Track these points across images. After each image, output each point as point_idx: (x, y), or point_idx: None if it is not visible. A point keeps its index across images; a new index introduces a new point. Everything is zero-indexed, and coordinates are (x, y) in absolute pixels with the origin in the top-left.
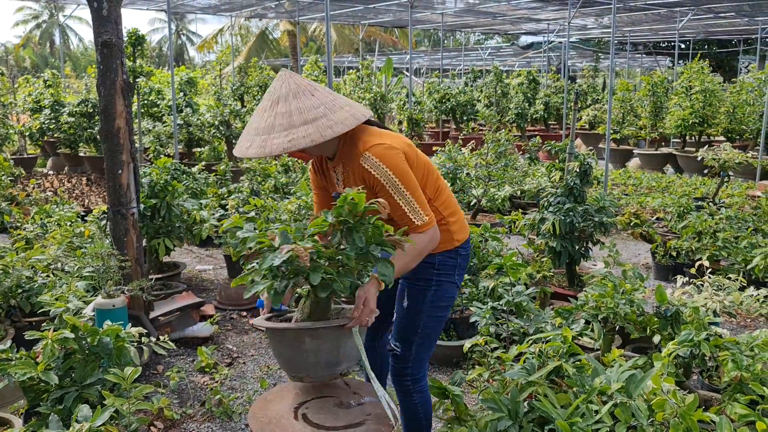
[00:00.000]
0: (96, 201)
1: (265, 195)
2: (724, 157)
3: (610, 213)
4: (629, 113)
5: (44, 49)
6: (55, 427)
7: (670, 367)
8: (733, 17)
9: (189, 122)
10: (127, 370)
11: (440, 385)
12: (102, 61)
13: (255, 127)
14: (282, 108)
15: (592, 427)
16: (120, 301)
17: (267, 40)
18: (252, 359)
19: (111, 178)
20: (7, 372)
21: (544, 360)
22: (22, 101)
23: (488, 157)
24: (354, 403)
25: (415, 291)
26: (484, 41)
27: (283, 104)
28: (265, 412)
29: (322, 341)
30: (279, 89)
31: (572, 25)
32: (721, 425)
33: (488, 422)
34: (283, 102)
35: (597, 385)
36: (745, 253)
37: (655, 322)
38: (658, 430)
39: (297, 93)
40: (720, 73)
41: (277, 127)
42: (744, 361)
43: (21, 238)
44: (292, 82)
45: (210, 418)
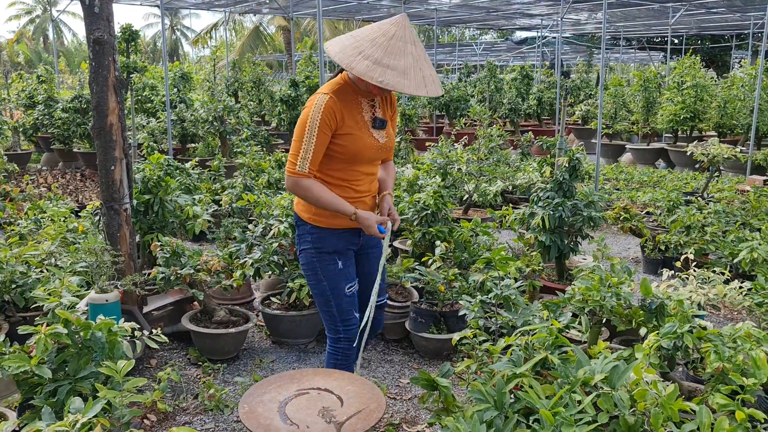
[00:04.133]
0: (90, 197)
1: (258, 190)
2: (713, 152)
3: (598, 207)
4: (621, 108)
5: (38, 44)
6: (48, 419)
7: (654, 358)
8: (725, 12)
9: (183, 118)
10: (120, 363)
11: (428, 377)
12: (94, 58)
13: (430, 73)
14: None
15: (575, 416)
16: (113, 295)
17: (261, 35)
18: (245, 352)
19: (104, 174)
20: (0, 366)
21: (531, 352)
22: (15, 97)
23: (480, 153)
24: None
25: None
26: (478, 37)
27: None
28: (254, 405)
29: None
30: (413, 32)
31: (565, 20)
32: (701, 414)
33: (474, 412)
34: (421, 45)
35: (581, 375)
36: (731, 247)
37: (641, 315)
38: (639, 419)
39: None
40: (713, 68)
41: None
42: (726, 353)
43: (15, 233)
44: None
45: (203, 410)
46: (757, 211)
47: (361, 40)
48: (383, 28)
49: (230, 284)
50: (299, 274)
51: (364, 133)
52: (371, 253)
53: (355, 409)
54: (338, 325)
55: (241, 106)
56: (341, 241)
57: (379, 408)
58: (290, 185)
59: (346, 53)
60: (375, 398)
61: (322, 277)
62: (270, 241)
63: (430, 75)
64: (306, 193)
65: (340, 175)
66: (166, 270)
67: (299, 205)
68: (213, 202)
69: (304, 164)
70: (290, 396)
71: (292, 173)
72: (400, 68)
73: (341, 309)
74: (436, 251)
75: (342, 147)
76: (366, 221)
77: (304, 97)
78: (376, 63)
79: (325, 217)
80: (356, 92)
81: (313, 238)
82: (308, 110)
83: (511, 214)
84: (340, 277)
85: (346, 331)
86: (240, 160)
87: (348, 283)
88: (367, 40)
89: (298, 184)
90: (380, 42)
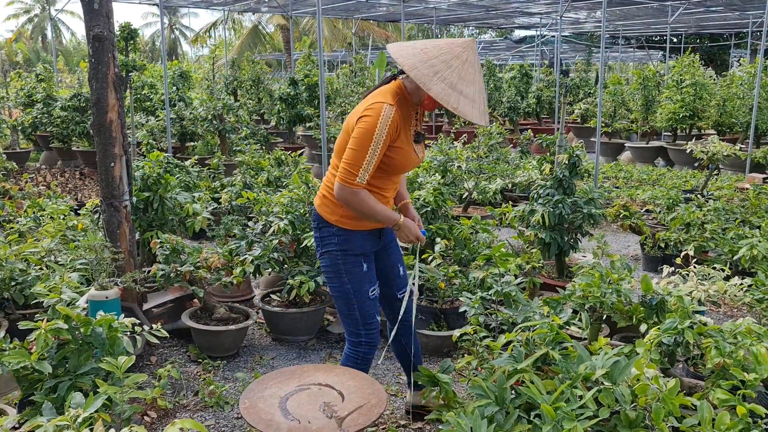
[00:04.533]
0: (89, 195)
1: (257, 188)
2: (713, 149)
3: (598, 205)
4: (621, 107)
5: (36, 44)
6: (48, 414)
7: (654, 354)
8: (723, 11)
9: (182, 116)
10: (121, 359)
11: (430, 373)
12: (94, 54)
13: (485, 102)
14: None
15: (576, 411)
16: (113, 292)
17: (260, 34)
18: (245, 350)
19: (103, 171)
20: (1, 362)
21: (532, 348)
22: (14, 95)
23: (480, 151)
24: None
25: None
26: (477, 36)
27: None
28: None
29: None
30: (477, 56)
31: (564, 19)
32: (702, 409)
33: (475, 408)
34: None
35: (582, 371)
36: (731, 244)
37: (641, 311)
38: (640, 414)
39: None
40: (712, 67)
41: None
42: (727, 348)
43: (14, 231)
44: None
45: (203, 407)
46: (756, 208)
47: (434, 60)
48: (455, 50)
49: (230, 281)
50: (299, 271)
51: (410, 148)
52: (389, 246)
53: (356, 405)
54: (360, 329)
55: (241, 104)
56: (367, 243)
57: (380, 403)
58: (345, 194)
59: (422, 71)
60: (376, 393)
61: (347, 280)
62: (270, 238)
63: (485, 103)
64: (361, 203)
65: (375, 182)
66: (166, 267)
67: (324, 207)
68: (212, 200)
69: (365, 176)
70: (291, 391)
71: (351, 184)
72: (470, 96)
73: (364, 312)
74: (436, 248)
75: (390, 159)
76: (411, 228)
77: (303, 96)
78: (451, 87)
79: (352, 220)
80: (410, 105)
81: (340, 240)
82: (374, 120)
83: (511, 211)
84: (365, 280)
85: (368, 335)
86: (240, 158)
87: (371, 285)
88: (442, 61)
89: (356, 195)
90: (455, 66)
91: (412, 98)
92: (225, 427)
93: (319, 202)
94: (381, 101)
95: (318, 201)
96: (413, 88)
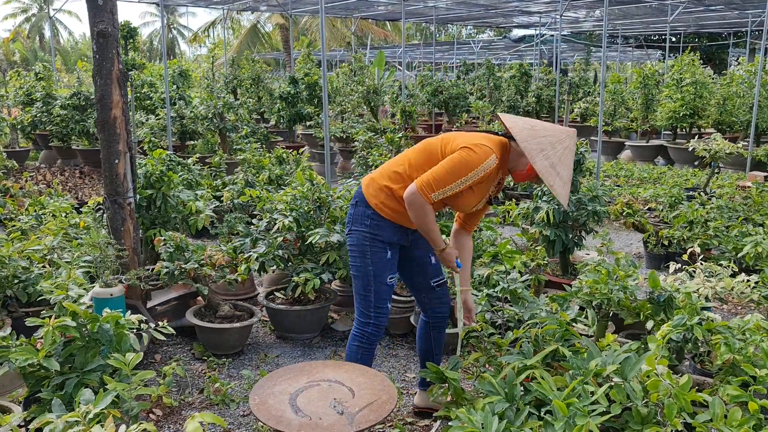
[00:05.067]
0: (89, 193)
1: (260, 186)
2: (715, 147)
3: (603, 202)
4: (621, 105)
5: (34, 43)
6: (58, 411)
7: (664, 350)
8: (723, 10)
9: (182, 115)
10: (129, 356)
11: (438, 369)
12: (98, 50)
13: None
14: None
15: (588, 407)
16: (118, 290)
17: (258, 33)
18: (249, 347)
19: (108, 168)
20: (8, 359)
21: (541, 344)
22: (13, 94)
23: None
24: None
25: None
26: (476, 35)
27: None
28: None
29: None
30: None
31: (564, 18)
32: (713, 405)
33: (486, 404)
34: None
35: (593, 367)
36: (735, 241)
37: (648, 308)
38: (652, 410)
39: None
40: (710, 66)
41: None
42: (736, 345)
43: (16, 229)
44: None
45: (209, 405)
46: (759, 206)
47: (542, 138)
48: (560, 136)
49: (235, 279)
50: (304, 268)
51: (478, 200)
52: (420, 241)
53: (367, 401)
54: (371, 311)
55: (241, 103)
56: (396, 235)
57: (391, 399)
58: (416, 200)
59: (531, 145)
60: (386, 390)
61: (370, 262)
62: (275, 235)
63: (570, 187)
64: (425, 216)
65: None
66: (170, 265)
67: (370, 189)
68: (214, 198)
69: (439, 197)
70: (301, 388)
71: (426, 196)
72: (565, 178)
73: (379, 296)
74: None
75: (459, 196)
76: (449, 257)
77: (303, 95)
78: (552, 167)
79: (391, 210)
80: (502, 166)
81: (372, 223)
82: (479, 160)
83: (515, 209)
84: (387, 266)
85: (377, 318)
86: (241, 156)
87: (391, 273)
88: (548, 142)
89: (424, 207)
90: (558, 149)
91: (508, 163)
92: (231, 425)
93: (367, 182)
94: (491, 148)
95: (367, 181)
96: (515, 156)
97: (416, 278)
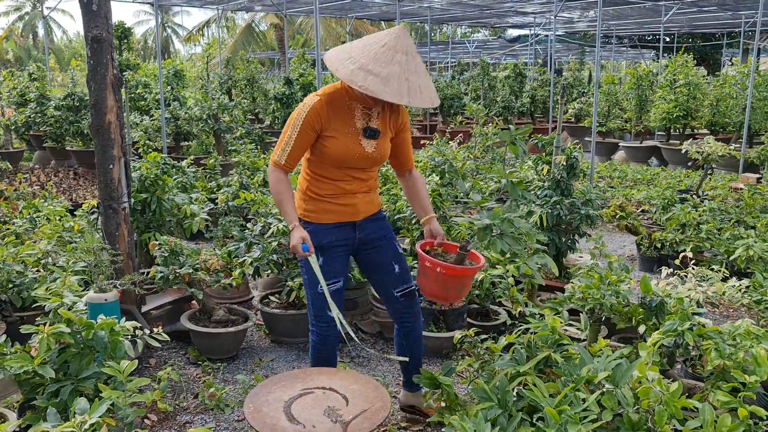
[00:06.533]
0: (83, 195)
1: (254, 189)
2: (708, 149)
3: (596, 205)
4: (614, 106)
5: (27, 42)
6: (53, 420)
7: (655, 356)
8: (716, 11)
9: (177, 116)
10: (124, 363)
11: (431, 375)
12: (92, 56)
13: (419, 84)
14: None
15: (579, 414)
16: (112, 295)
17: (253, 33)
18: (244, 352)
19: (102, 173)
20: (2, 366)
21: (533, 350)
22: (6, 95)
23: (476, 151)
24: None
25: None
26: (470, 35)
27: (418, 59)
28: (259, 405)
29: None
30: (409, 43)
31: (558, 18)
32: (703, 411)
33: (478, 411)
34: (416, 57)
35: (585, 374)
36: (727, 244)
37: (640, 313)
38: (643, 417)
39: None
40: (704, 67)
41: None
42: (727, 350)
43: (10, 233)
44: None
45: (204, 410)
46: (751, 208)
47: (354, 47)
48: (378, 36)
49: (229, 283)
50: (298, 272)
51: (351, 140)
52: (381, 245)
53: (361, 408)
54: (311, 318)
55: (235, 104)
56: (327, 236)
57: (385, 407)
58: (269, 173)
59: (338, 58)
60: (380, 397)
61: (305, 270)
62: (269, 239)
63: (419, 86)
64: (272, 182)
65: (317, 170)
66: (165, 269)
67: (297, 200)
68: (209, 200)
69: (283, 156)
70: (295, 395)
71: (272, 161)
72: (383, 75)
73: (314, 304)
74: None
75: (326, 148)
76: (293, 238)
77: (298, 95)
78: (360, 68)
79: (315, 213)
80: (351, 98)
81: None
82: (298, 108)
83: None
84: (320, 273)
85: (317, 326)
86: (236, 158)
87: (331, 279)
88: (359, 47)
89: (272, 172)
90: (371, 49)
91: (355, 92)
92: (226, 430)
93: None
94: (316, 93)
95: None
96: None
97: (379, 287)
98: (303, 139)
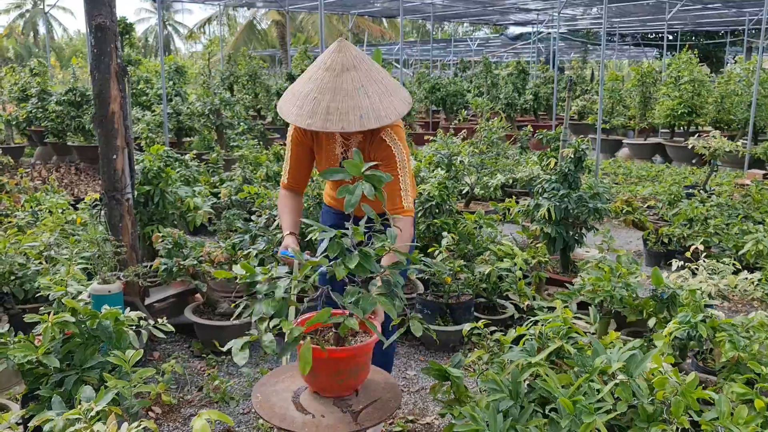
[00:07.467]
0: (85, 190)
1: (257, 183)
2: (714, 145)
3: (604, 199)
4: (618, 103)
5: (27, 39)
6: (58, 408)
7: (668, 348)
8: (720, 8)
9: (179, 111)
10: (129, 353)
11: (440, 367)
12: (96, 44)
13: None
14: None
15: (594, 405)
16: (116, 286)
17: (255, 30)
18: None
19: (106, 164)
20: (6, 355)
21: (544, 342)
22: (8, 90)
23: (481, 145)
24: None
25: None
26: (472, 32)
27: (353, 75)
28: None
29: None
30: (345, 59)
31: (561, 16)
32: (720, 403)
33: (489, 402)
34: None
35: (598, 364)
36: (736, 239)
37: (651, 306)
38: (658, 408)
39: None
40: (707, 65)
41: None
42: (741, 342)
43: (13, 225)
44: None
45: (208, 403)
46: (759, 204)
47: (298, 90)
48: (317, 64)
49: (234, 276)
50: None
51: (333, 165)
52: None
53: (371, 399)
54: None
55: (237, 99)
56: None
57: (395, 398)
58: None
59: (286, 109)
60: (390, 388)
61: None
62: (274, 231)
63: (328, 106)
64: (278, 200)
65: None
66: (168, 261)
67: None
68: (211, 194)
69: (285, 175)
70: (304, 385)
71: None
72: (300, 94)
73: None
74: (443, 242)
75: (317, 163)
76: (282, 248)
77: None
78: (290, 90)
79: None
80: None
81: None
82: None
83: (515, 206)
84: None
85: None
86: (239, 152)
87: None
88: (301, 84)
89: (279, 191)
90: (312, 75)
91: None
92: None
93: None
94: None
95: None
96: None
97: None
98: (295, 156)
